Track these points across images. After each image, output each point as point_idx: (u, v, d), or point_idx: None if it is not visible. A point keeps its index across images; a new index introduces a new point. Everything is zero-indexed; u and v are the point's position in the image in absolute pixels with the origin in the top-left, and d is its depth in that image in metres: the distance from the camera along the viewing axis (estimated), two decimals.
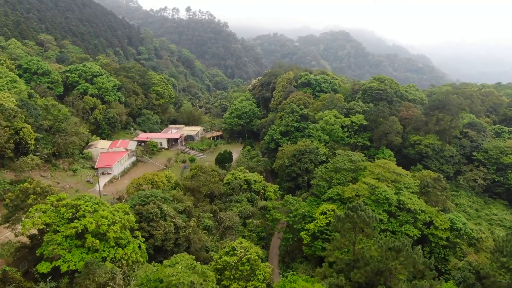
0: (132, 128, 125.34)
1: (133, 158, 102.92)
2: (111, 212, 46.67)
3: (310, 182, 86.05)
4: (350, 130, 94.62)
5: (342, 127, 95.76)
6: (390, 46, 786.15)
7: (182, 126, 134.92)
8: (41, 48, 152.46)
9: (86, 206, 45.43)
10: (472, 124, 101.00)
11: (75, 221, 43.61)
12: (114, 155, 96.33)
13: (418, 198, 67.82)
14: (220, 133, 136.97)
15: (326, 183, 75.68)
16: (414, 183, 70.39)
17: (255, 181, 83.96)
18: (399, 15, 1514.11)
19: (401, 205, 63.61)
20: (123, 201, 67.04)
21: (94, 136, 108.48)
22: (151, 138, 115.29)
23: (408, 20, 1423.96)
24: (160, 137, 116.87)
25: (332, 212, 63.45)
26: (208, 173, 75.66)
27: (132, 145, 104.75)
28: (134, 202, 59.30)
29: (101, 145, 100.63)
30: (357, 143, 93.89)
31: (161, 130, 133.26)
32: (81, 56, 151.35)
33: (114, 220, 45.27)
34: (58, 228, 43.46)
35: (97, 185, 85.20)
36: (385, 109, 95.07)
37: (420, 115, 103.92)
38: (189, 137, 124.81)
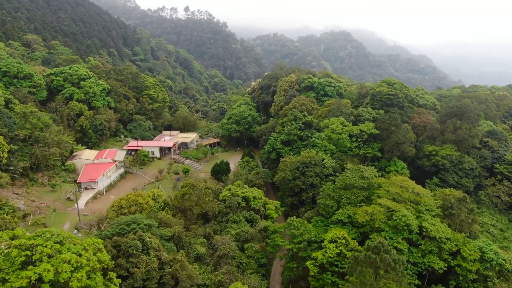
0: (122, 136, 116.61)
1: (121, 170, 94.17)
2: (77, 252, 37.98)
3: (316, 200, 77.46)
4: (359, 139, 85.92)
5: (350, 136, 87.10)
6: (390, 46, 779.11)
7: (176, 132, 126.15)
8: (28, 49, 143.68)
9: (45, 246, 36.72)
10: (492, 132, 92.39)
11: (29, 267, 34.94)
12: (99, 167, 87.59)
13: (441, 221, 59.10)
14: (217, 140, 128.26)
15: (335, 203, 67.01)
16: (436, 203, 61.66)
17: (254, 197, 75.34)
18: (399, 15, 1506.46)
19: (423, 232, 54.89)
20: (103, 226, 58.31)
21: (79, 145, 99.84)
22: (142, 146, 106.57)
23: (408, 20, 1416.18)
24: (152, 146, 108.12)
25: (343, 240, 54.83)
26: (201, 190, 66.91)
27: (120, 155, 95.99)
28: (112, 231, 50.63)
29: (86, 156, 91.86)
30: (367, 154, 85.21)
31: (154, 137, 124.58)
32: (70, 57, 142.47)
33: (79, 263, 36.60)
34: (7, 277, 34.75)
35: (78, 202, 76.53)
36: (397, 117, 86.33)
37: (435, 122, 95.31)
38: (184, 145, 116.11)
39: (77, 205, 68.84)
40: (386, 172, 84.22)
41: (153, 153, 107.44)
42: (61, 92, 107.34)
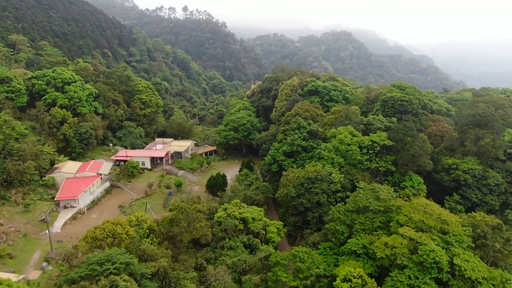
0: (110, 144, 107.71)
1: (107, 184, 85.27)
2: None
3: (323, 219, 68.72)
4: (370, 151, 76.98)
5: (360, 147, 78.19)
6: (391, 47, 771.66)
7: (170, 140, 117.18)
8: (12, 50, 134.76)
9: None
10: None
11: None
12: (81, 182, 78.69)
13: (473, 253, 50.26)
14: (214, 148, 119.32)
15: (346, 228, 58.19)
16: (465, 231, 52.76)
17: (253, 219, 66.53)
18: (399, 15, 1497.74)
19: (456, 271, 46.00)
20: (75, 260, 49.32)
21: (62, 156, 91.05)
22: (131, 156, 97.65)
23: (407, 20, 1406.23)
24: (142, 156, 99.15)
25: (359, 280, 46.00)
26: (192, 214, 58.01)
27: (106, 167, 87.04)
28: (81, 273, 41.77)
29: (67, 169, 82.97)
30: (379, 168, 76.27)
31: (146, 144, 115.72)
32: (58, 59, 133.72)
33: None
34: None
35: (55, 224, 67.73)
36: (412, 126, 77.34)
37: (452, 131, 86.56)
38: (178, 154, 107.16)
39: (49, 231, 59.90)
40: (401, 188, 75.52)
41: (143, 164, 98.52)
42: (43, 98, 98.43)
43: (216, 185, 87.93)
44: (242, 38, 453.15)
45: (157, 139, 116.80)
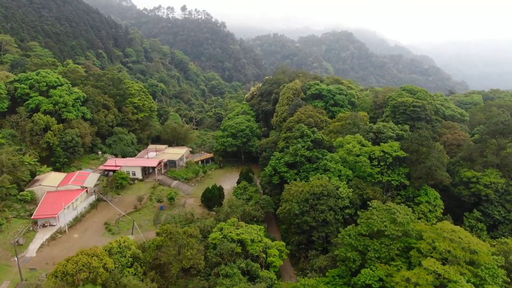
0: (99, 152, 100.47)
1: (92, 198, 77.96)
2: None
3: (331, 244, 61.75)
4: (381, 163, 69.69)
5: (370, 159, 70.92)
6: (392, 47, 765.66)
7: (163, 147, 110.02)
8: None
9: None
10: None
11: None
12: (63, 196, 71.65)
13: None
14: (211, 155, 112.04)
15: (358, 255, 50.96)
16: (497, 261, 45.54)
17: (252, 241, 59.36)
18: (398, 15, 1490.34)
19: None
20: None
21: (45, 166, 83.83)
22: (120, 166, 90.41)
23: (407, 20, 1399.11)
24: (132, 165, 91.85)
25: None
26: (182, 239, 50.77)
27: (91, 179, 79.83)
28: None
29: (49, 181, 75.76)
30: (392, 182, 68.99)
31: (139, 151, 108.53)
32: (43, 61, 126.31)
33: None
34: None
35: (30, 247, 60.52)
36: (428, 135, 70.00)
37: (469, 139, 79.36)
38: (171, 163, 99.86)
39: (17, 258, 52.60)
40: (415, 204, 68.35)
41: (134, 174, 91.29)
42: (26, 103, 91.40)
43: (212, 199, 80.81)
44: (241, 38, 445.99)
45: (150, 146, 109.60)
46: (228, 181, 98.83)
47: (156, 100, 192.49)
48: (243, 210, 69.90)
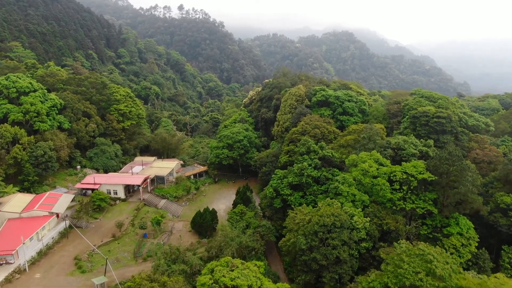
0: (78, 166, 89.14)
1: (62, 225, 66.57)
2: None
3: (342, 281, 50.65)
4: (404, 187, 58.55)
5: (391, 181, 59.83)
6: (392, 47, 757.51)
7: (152, 159, 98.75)
8: None
9: None
10: None
11: None
12: (27, 224, 60.44)
13: None
14: (205, 168, 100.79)
15: None
16: None
17: (250, 287, 48.18)
18: (398, 15, 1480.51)
19: None
20: None
21: (11, 186, 72.58)
22: (100, 184, 79.09)
23: (406, 20, 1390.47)
24: (113, 183, 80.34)
25: None
26: None
27: (63, 202, 68.47)
28: None
29: (11, 206, 64.38)
30: (417, 210, 57.86)
31: (124, 164, 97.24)
32: (26, 62, 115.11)
33: None
34: None
35: None
36: (460, 153, 58.76)
37: (501, 156, 68.39)
38: (159, 178, 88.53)
39: None
40: (445, 236, 57.40)
41: (115, 193, 79.97)
42: None
43: (203, 224, 69.55)
44: (240, 38, 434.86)
45: (136, 159, 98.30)
46: (224, 200, 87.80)
47: (149, 104, 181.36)
48: (240, 243, 58.66)
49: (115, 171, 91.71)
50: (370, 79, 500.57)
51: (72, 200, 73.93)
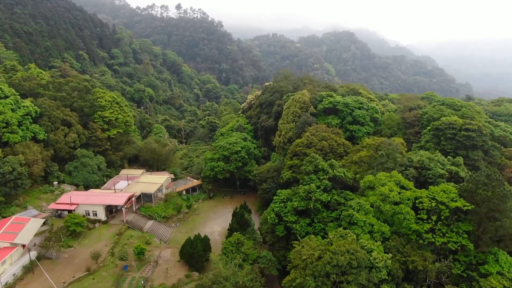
0: (55, 182, 79.26)
1: (27, 257, 56.72)
2: None
3: None
4: (432, 216, 48.80)
5: (416, 208, 50.08)
6: (392, 47, 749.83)
7: (140, 172, 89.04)
8: None
9: None
10: None
11: None
12: None
13: None
14: (199, 182, 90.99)
15: None
16: None
17: None
18: (398, 15, 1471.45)
19: None
20: None
21: None
22: (77, 204, 69.28)
23: (406, 20, 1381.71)
24: (92, 203, 70.46)
25: None
26: None
27: (30, 230, 58.65)
28: None
29: None
30: (448, 245, 48.06)
31: (109, 178, 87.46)
32: (5, 64, 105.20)
33: None
34: None
35: None
36: (501, 177, 48.95)
37: None
38: (146, 196, 78.65)
39: None
40: (482, 276, 47.64)
41: (95, 214, 70.16)
42: None
43: (193, 255, 59.70)
44: (239, 38, 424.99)
45: (122, 172, 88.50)
46: (219, 220, 78.08)
47: (142, 107, 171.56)
48: (236, 284, 48.90)
49: (97, 187, 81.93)
50: (372, 80, 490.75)
51: (44, 224, 64.38)
